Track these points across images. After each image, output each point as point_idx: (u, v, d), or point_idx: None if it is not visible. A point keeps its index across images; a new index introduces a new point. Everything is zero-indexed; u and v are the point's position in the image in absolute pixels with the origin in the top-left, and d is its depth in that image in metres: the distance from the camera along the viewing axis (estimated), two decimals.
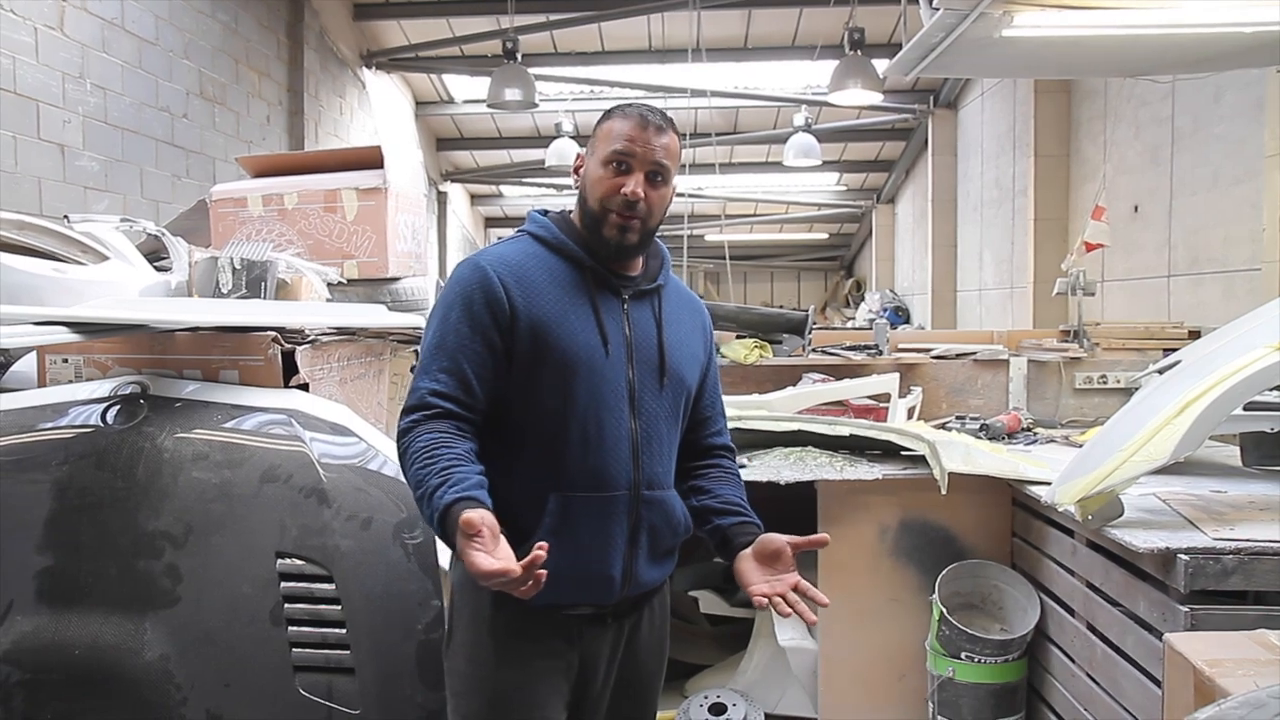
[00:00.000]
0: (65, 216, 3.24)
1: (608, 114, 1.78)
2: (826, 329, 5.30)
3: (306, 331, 2.55)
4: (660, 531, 1.78)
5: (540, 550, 1.42)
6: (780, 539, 1.70)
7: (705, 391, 1.92)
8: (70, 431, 2.22)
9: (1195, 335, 4.00)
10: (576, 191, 1.80)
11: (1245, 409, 2.65)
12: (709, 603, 3.47)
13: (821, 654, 3.02)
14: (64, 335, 2.18)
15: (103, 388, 2.32)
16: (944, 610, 2.77)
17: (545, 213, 1.86)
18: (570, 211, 1.84)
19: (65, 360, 2.45)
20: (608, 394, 1.71)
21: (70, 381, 2.43)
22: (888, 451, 3.16)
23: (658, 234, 1.83)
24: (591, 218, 1.74)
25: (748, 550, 1.72)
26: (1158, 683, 2.01)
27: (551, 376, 1.68)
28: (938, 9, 3.22)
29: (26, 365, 2.56)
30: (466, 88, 10.92)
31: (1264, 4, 3.08)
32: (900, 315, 11.99)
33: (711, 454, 1.93)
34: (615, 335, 1.73)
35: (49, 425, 2.25)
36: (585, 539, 1.69)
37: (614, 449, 1.71)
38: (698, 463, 1.91)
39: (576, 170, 1.81)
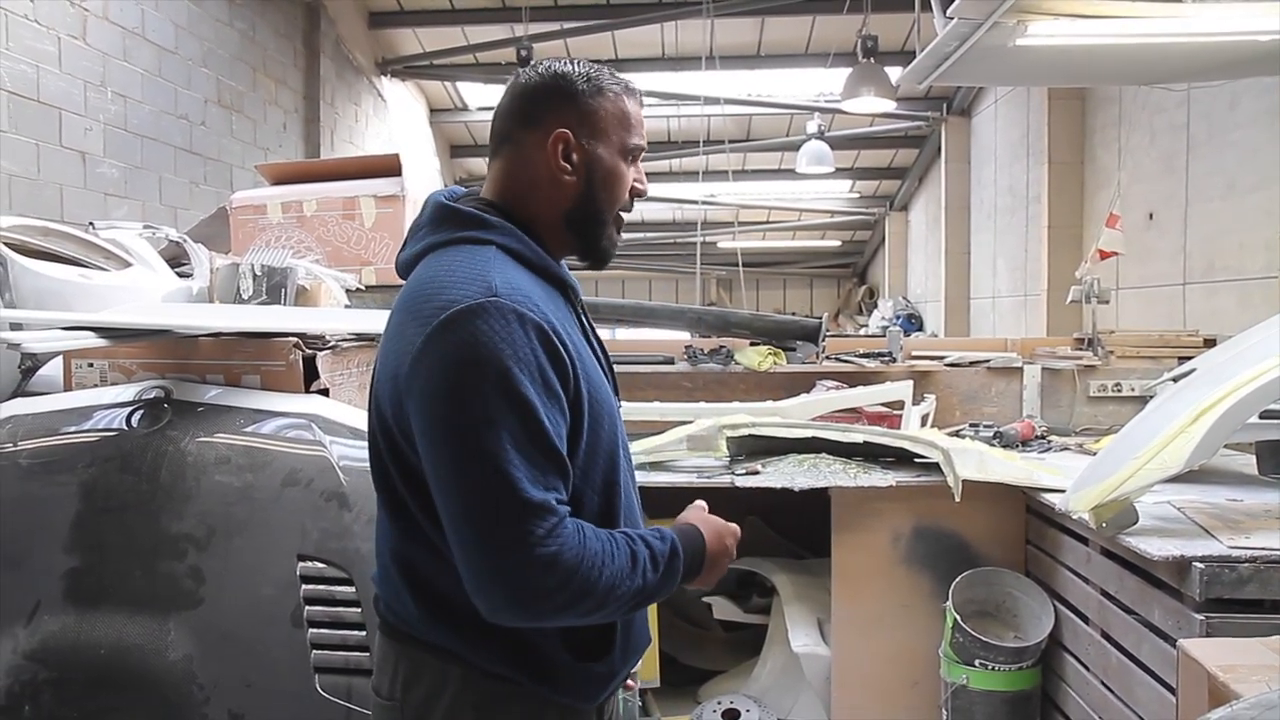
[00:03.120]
0: (90, 223, 3.29)
1: (602, 87, 1.43)
2: (840, 336, 5.31)
3: (327, 337, 2.58)
4: None
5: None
6: None
7: None
8: (95, 435, 2.26)
9: (1210, 343, 3.99)
10: (565, 180, 1.41)
11: (1261, 417, 2.65)
12: (722, 609, 3.48)
13: (835, 660, 3.03)
14: (90, 340, 2.22)
15: (127, 392, 2.35)
16: (958, 617, 2.77)
17: (474, 208, 1.41)
18: (478, 193, 1.45)
19: (90, 365, 2.48)
20: (625, 441, 1.47)
21: (95, 386, 2.47)
22: (901, 458, 3.16)
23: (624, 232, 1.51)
24: (599, 220, 1.43)
25: None
26: (1173, 691, 2.01)
27: (603, 438, 1.38)
28: (951, 18, 3.23)
29: (52, 370, 2.60)
30: (480, 95, 10.98)
31: (1278, 12, 3.08)
32: (913, 322, 11.96)
33: None
34: (602, 363, 1.47)
35: (74, 429, 2.28)
36: (638, 617, 1.48)
37: (634, 502, 1.49)
38: None
39: (568, 158, 1.40)
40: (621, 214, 1.45)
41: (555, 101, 1.41)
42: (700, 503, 1.52)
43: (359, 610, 2.10)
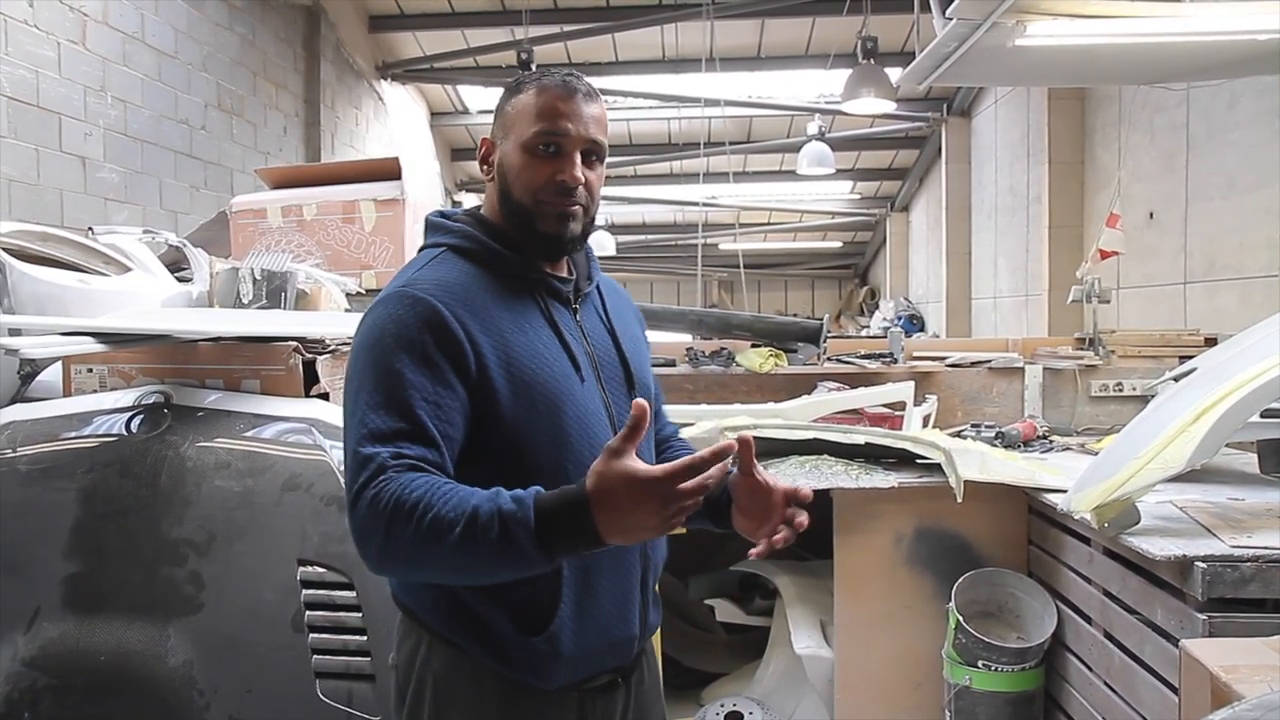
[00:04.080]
0: (89, 229, 3.30)
1: (518, 86, 1.48)
2: (841, 337, 5.31)
3: (327, 341, 2.57)
4: (659, 569, 1.60)
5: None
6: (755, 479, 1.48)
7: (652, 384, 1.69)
8: (95, 440, 2.26)
9: (1212, 342, 3.98)
10: (490, 184, 1.51)
11: (1262, 416, 2.64)
12: (725, 611, 3.48)
13: (838, 662, 3.02)
14: (89, 345, 2.22)
15: (127, 397, 2.36)
16: (960, 618, 2.77)
17: (446, 215, 1.55)
18: (479, 208, 1.55)
19: (90, 370, 2.49)
20: (594, 426, 1.45)
21: (95, 391, 2.47)
22: (903, 460, 3.16)
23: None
24: (521, 213, 1.46)
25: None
26: (1176, 691, 2.01)
27: (540, 422, 1.40)
28: (951, 19, 3.23)
29: (52, 375, 2.60)
30: (481, 98, 10.99)
31: (1278, 11, 3.08)
32: (915, 323, 11.96)
33: (667, 444, 1.72)
34: (580, 355, 1.48)
35: (74, 434, 2.28)
36: (607, 602, 1.46)
37: None
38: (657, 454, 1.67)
39: (486, 159, 1.51)
40: (549, 204, 1.45)
41: (494, 112, 1.53)
42: (611, 443, 1.20)
43: (360, 615, 2.10)
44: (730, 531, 1.53)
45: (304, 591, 2.10)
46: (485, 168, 1.51)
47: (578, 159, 1.45)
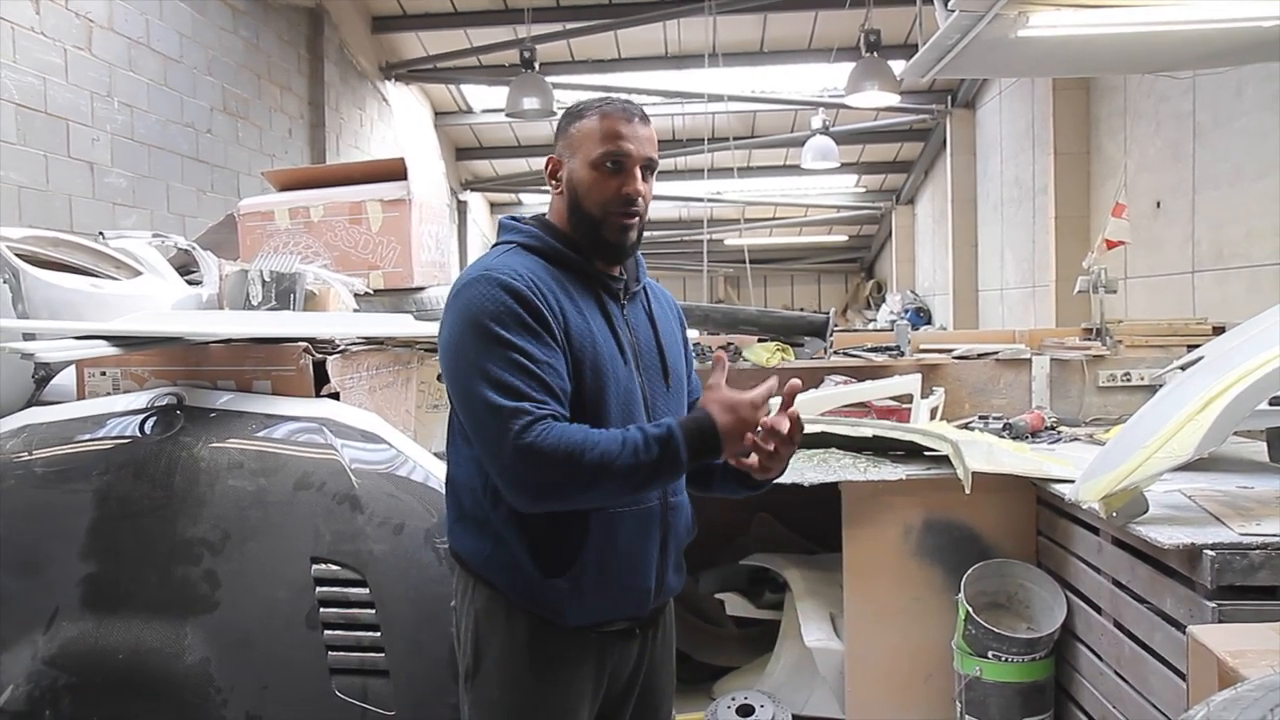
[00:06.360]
0: (100, 233, 3.32)
1: (582, 112, 1.71)
2: (848, 331, 5.31)
3: (336, 341, 2.59)
4: (681, 538, 1.80)
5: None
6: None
7: (692, 379, 1.93)
8: (109, 442, 2.27)
9: (1220, 331, 3.98)
10: (557, 196, 1.74)
11: (1271, 404, 2.65)
12: (735, 605, 3.49)
13: (848, 655, 3.03)
14: (102, 349, 2.24)
15: (140, 399, 2.37)
16: (970, 610, 2.78)
17: (516, 219, 1.79)
18: (545, 215, 1.78)
19: (103, 373, 2.50)
20: (630, 403, 1.68)
21: (108, 394, 2.48)
22: (911, 452, 3.17)
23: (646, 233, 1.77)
24: (590, 223, 1.68)
25: None
26: (1184, 678, 2.01)
27: (589, 391, 1.63)
28: (953, 10, 3.24)
29: (66, 379, 2.62)
30: (485, 97, 11.00)
31: None
32: (922, 316, 11.95)
33: None
34: (625, 342, 1.72)
35: (89, 436, 2.30)
36: (626, 554, 1.68)
37: None
38: None
39: (554, 175, 1.74)
40: (615, 215, 1.67)
41: (556, 133, 1.75)
42: (713, 381, 1.61)
43: (373, 611, 2.12)
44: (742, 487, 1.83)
45: (318, 589, 2.12)
46: (554, 183, 1.73)
47: (638, 174, 1.67)
